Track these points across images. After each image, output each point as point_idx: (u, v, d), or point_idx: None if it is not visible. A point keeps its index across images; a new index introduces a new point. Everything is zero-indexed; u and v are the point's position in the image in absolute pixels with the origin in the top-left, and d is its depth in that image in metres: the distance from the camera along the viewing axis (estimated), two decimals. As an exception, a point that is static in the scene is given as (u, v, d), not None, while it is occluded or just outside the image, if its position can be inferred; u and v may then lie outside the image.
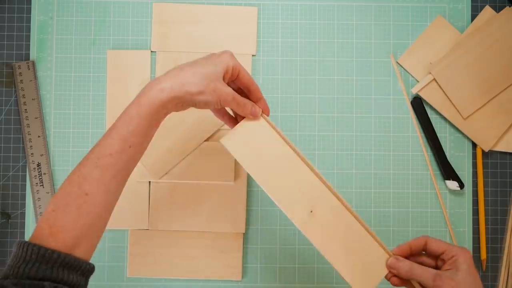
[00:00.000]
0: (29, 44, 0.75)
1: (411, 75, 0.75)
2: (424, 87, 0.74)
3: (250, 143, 0.57)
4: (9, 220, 0.73)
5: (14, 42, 0.75)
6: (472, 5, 0.76)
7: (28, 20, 0.75)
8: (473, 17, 0.75)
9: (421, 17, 0.76)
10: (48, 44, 0.75)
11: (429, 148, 0.75)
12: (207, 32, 0.74)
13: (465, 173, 0.75)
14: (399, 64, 0.75)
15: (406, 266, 0.54)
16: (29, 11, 0.75)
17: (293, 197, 0.56)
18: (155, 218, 0.73)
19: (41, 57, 0.75)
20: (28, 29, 0.75)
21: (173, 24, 0.74)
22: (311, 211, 0.56)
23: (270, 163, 0.57)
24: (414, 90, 0.74)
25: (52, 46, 0.75)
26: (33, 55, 0.75)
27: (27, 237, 0.73)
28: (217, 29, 0.74)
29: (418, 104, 0.74)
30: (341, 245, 0.55)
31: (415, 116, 0.75)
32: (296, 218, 0.55)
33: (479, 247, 0.74)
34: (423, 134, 0.75)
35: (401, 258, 0.55)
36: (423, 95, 0.74)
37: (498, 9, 0.75)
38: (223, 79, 0.56)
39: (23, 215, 0.73)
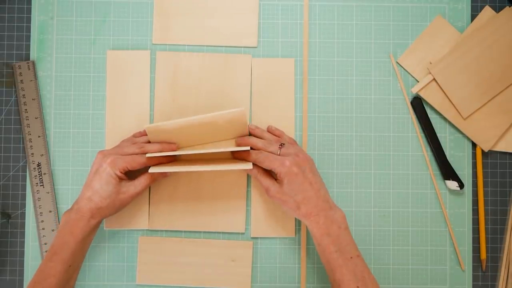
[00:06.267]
0: (29, 44, 0.75)
1: (411, 75, 0.75)
2: (424, 87, 0.74)
3: None
4: (9, 220, 0.73)
5: (14, 42, 0.75)
6: (472, 5, 0.76)
7: (28, 20, 0.75)
8: (473, 17, 0.75)
9: (421, 17, 0.76)
10: (48, 44, 0.75)
11: (429, 148, 0.75)
12: (208, 24, 0.74)
13: (465, 173, 0.75)
14: (399, 64, 0.75)
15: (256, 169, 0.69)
16: (29, 11, 0.75)
17: None
18: (155, 217, 0.73)
19: (41, 57, 0.75)
20: (28, 29, 0.75)
21: (174, 16, 0.74)
22: None
23: None
24: (414, 90, 0.74)
25: (52, 46, 0.75)
26: (33, 55, 0.75)
27: (27, 237, 0.73)
28: (218, 21, 0.74)
29: (418, 104, 0.74)
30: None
31: (415, 116, 0.75)
32: None
33: (479, 247, 0.74)
34: (423, 134, 0.75)
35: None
36: (423, 95, 0.74)
37: (498, 9, 0.75)
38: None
39: (23, 215, 0.73)
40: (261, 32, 0.75)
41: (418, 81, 0.75)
